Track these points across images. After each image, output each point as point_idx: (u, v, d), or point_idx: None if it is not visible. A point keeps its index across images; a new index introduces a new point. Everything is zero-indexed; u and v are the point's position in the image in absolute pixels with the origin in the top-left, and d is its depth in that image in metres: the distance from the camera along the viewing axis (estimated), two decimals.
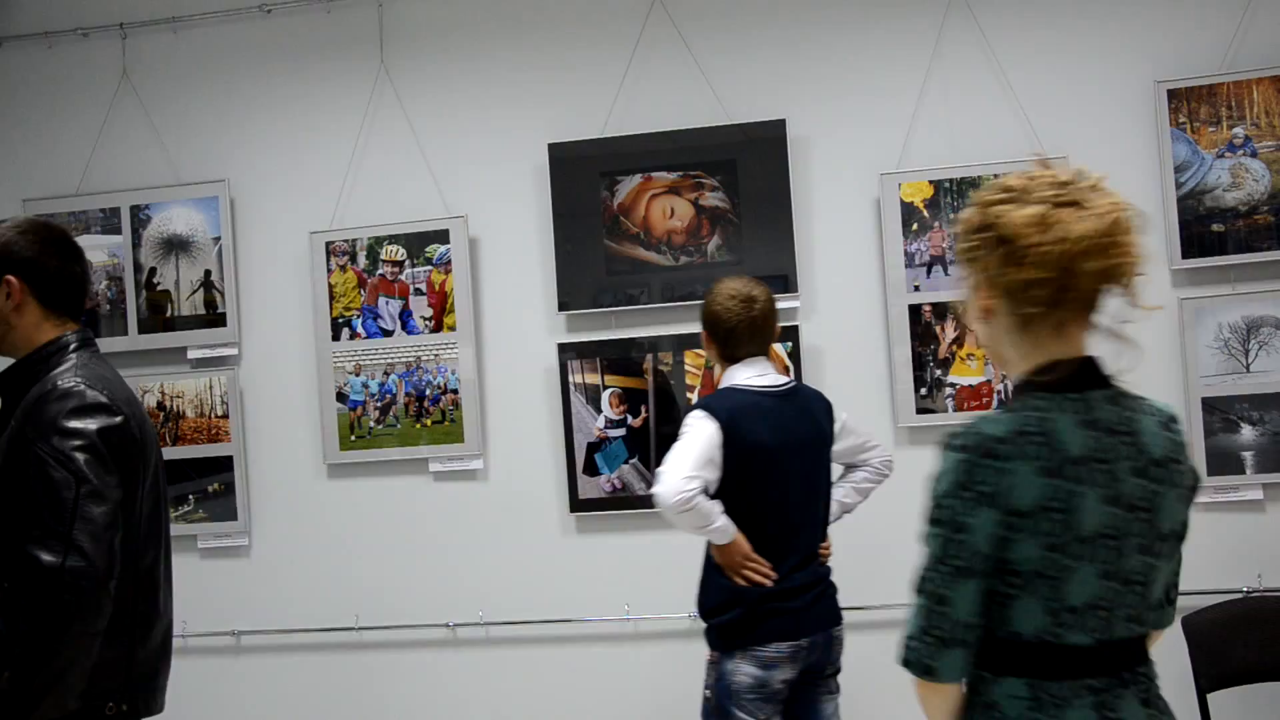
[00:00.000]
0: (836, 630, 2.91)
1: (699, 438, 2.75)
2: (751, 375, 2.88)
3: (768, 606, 2.78)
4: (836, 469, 3.07)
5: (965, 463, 1.57)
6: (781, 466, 2.81)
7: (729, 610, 2.80)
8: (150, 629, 2.22)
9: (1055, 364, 1.61)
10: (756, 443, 2.78)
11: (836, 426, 2.99)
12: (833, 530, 3.00)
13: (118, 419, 2.12)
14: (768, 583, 2.78)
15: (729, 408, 2.80)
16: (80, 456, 2.04)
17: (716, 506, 2.76)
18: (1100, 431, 1.58)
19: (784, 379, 2.94)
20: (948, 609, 1.58)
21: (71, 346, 2.23)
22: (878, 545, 3.33)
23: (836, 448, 3.00)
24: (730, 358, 2.91)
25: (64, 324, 2.26)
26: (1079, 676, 1.59)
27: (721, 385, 2.92)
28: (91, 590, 1.98)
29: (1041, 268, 1.55)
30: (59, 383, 2.13)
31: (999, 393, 3.55)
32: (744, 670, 2.76)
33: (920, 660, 1.61)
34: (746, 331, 2.87)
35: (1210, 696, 3.27)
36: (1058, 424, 1.57)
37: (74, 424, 2.07)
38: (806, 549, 2.87)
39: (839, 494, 3.05)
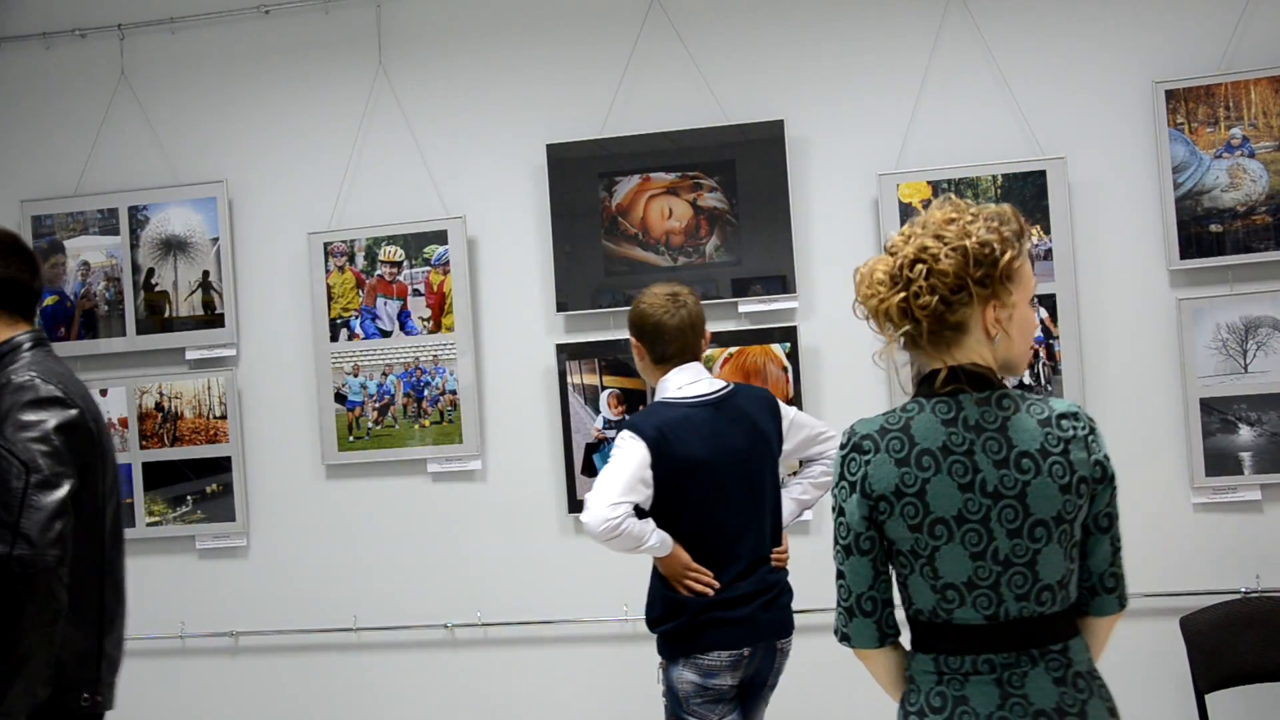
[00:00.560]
0: (782, 642, 2.87)
1: (627, 461, 2.73)
2: (683, 384, 2.85)
3: (708, 616, 2.77)
4: (792, 466, 3.04)
5: (843, 457, 1.85)
6: (717, 477, 2.79)
7: (671, 620, 2.81)
8: (115, 623, 2.27)
9: (932, 374, 1.83)
10: (688, 457, 2.76)
11: (785, 424, 2.93)
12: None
13: (73, 412, 2.16)
14: (709, 593, 2.77)
15: (658, 425, 2.77)
16: (35, 447, 2.08)
17: (648, 525, 2.74)
18: (959, 427, 1.79)
19: (719, 384, 2.89)
20: (845, 583, 1.86)
21: (25, 346, 2.27)
22: None
23: (788, 445, 2.95)
24: (660, 358, 2.87)
25: (15, 325, 2.30)
26: (977, 652, 1.78)
27: (655, 399, 2.90)
28: (40, 578, 2.00)
29: (864, 307, 1.85)
30: (13, 378, 2.17)
31: None
32: (687, 677, 2.78)
33: (838, 629, 1.90)
34: (674, 329, 2.84)
35: (1209, 697, 3.27)
36: (916, 421, 1.80)
37: (29, 416, 2.11)
38: (751, 557, 2.83)
39: (795, 492, 3.02)
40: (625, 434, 2.78)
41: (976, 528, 1.76)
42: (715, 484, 2.79)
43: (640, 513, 2.76)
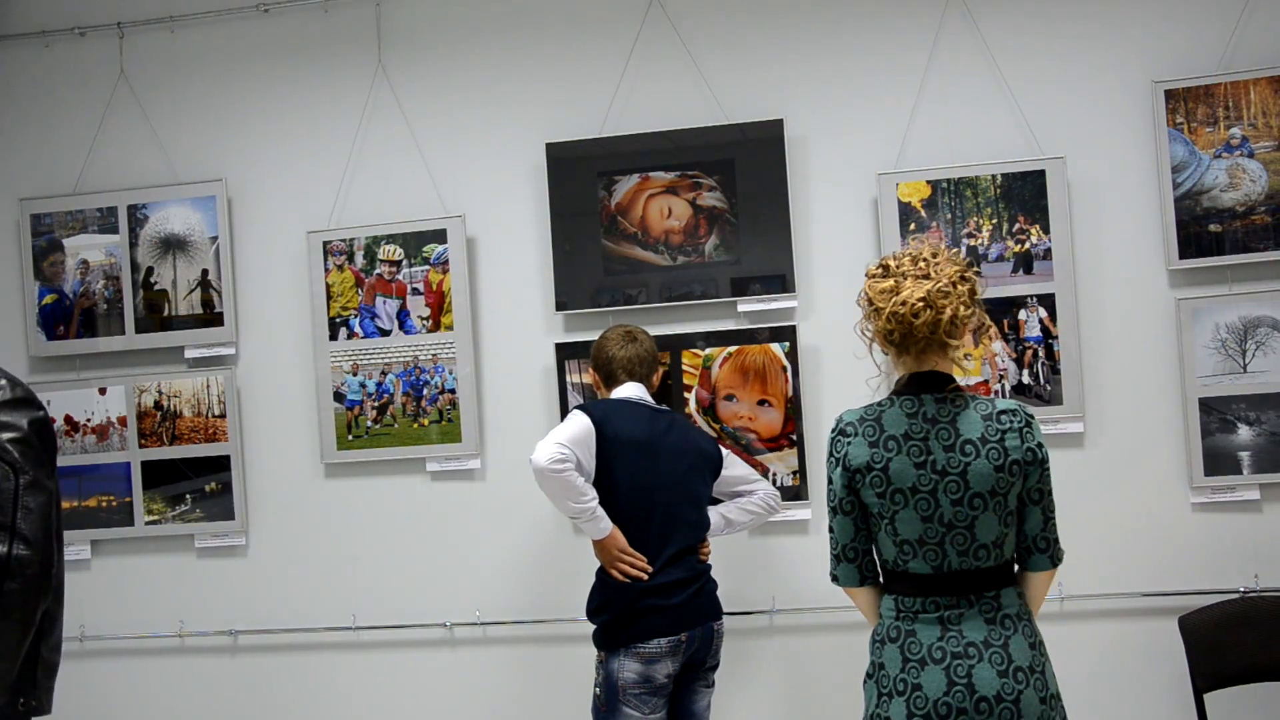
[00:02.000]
0: (716, 625, 3.11)
1: (573, 424, 3.04)
2: (629, 393, 3.19)
3: (646, 603, 2.98)
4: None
5: (831, 439, 2.39)
6: (654, 460, 3.07)
7: (608, 609, 3.01)
8: (54, 626, 2.23)
9: (905, 376, 2.35)
10: (629, 436, 3.05)
11: (724, 453, 3.26)
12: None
13: (41, 413, 2.16)
14: (644, 577, 2.98)
15: (603, 408, 3.11)
16: (15, 448, 2.06)
17: (592, 490, 3.00)
18: (919, 419, 2.30)
19: (664, 407, 3.25)
20: (834, 536, 2.41)
21: None
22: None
23: (724, 473, 3.25)
24: (609, 383, 3.23)
25: None
26: (926, 595, 2.27)
27: None
28: (36, 580, 2.00)
29: (889, 320, 2.29)
30: None
31: (995, 392, 3.55)
32: (629, 667, 2.95)
33: (831, 572, 2.44)
34: (623, 359, 3.21)
35: (1207, 697, 3.27)
36: (887, 413, 2.33)
37: (5, 417, 2.09)
38: (681, 545, 3.07)
39: (723, 509, 3.28)
40: (574, 412, 3.11)
41: (927, 497, 2.26)
42: (652, 466, 3.06)
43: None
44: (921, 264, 2.31)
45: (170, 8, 4.05)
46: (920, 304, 2.25)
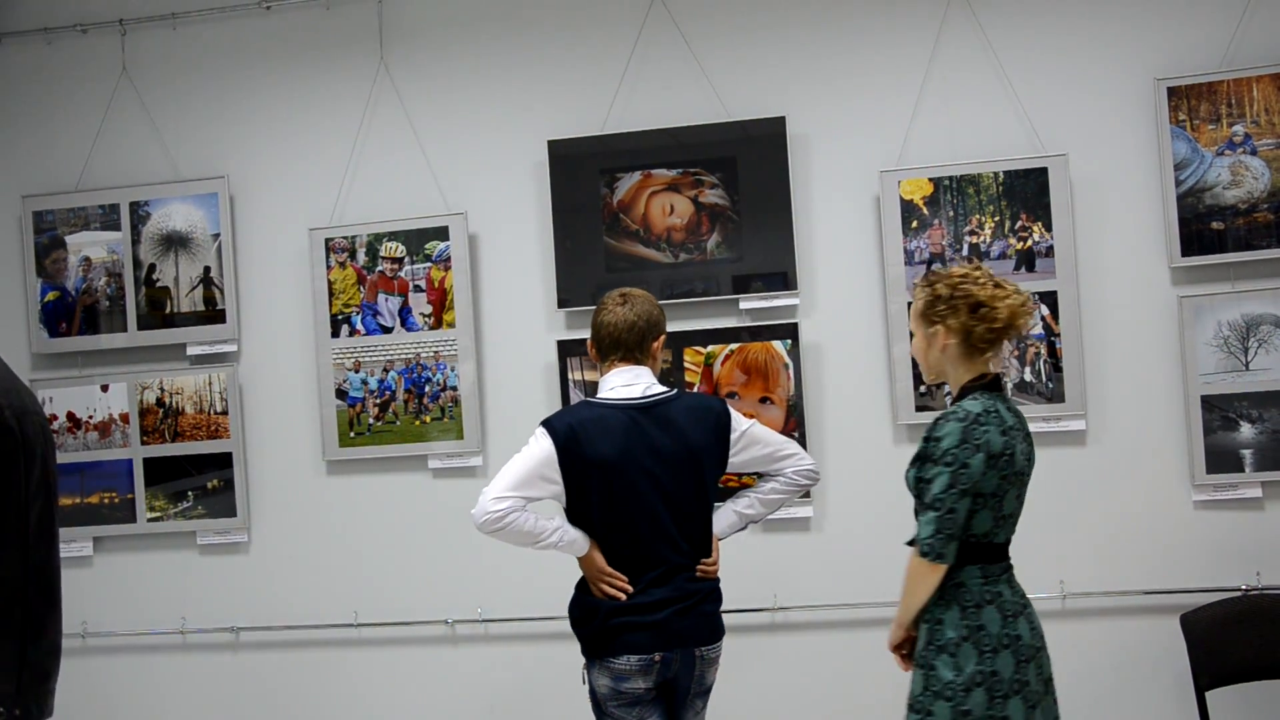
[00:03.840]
0: (705, 650, 2.83)
1: (528, 457, 2.78)
2: (617, 385, 2.84)
3: (619, 620, 2.77)
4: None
5: (965, 428, 2.53)
6: (629, 480, 2.76)
7: (585, 623, 2.84)
8: (42, 629, 2.11)
9: (983, 376, 2.63)
10: (597, 457, 2.75)
11: (734, 435, 2.87)
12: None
13: None
14: (622, 596, 2.78)
15: (571, 423, 2.78)
16: None
17: (550, 524, 2.78)
18: (1013, 414, 2.63)
19: (658, 390, 2.85)
20: (955, 516, 2.51)
21: None
22: (883, 541, 3.33)
23: (739, 458, 2.90)
24: (600, 355, 2.90)
25: None
26: (998, 561, 2.61)
27: (586, 397, 3.00)
28: None
29: (1003, 319, 2.58)
30: None
31: None
32: (602, 681, 2.81)
33: (936, 550, 2.51)
34: (609, 325, 2.86)
35: (1209, 694, 3.27)
36: (1000, 408, 2.60)
37: None
38: (669, 563, 2.80)
39: (739, 505, 2.95)
40: (538, 431, 2.82)
41: (1021, 479, 2.61)
42: (625, 486, 2.76)
43: (570, 515, 2.85)
44: (988, 276, 2.63)
45: (172, 5, 4.05)
46: (1020, 308, 2.60)
